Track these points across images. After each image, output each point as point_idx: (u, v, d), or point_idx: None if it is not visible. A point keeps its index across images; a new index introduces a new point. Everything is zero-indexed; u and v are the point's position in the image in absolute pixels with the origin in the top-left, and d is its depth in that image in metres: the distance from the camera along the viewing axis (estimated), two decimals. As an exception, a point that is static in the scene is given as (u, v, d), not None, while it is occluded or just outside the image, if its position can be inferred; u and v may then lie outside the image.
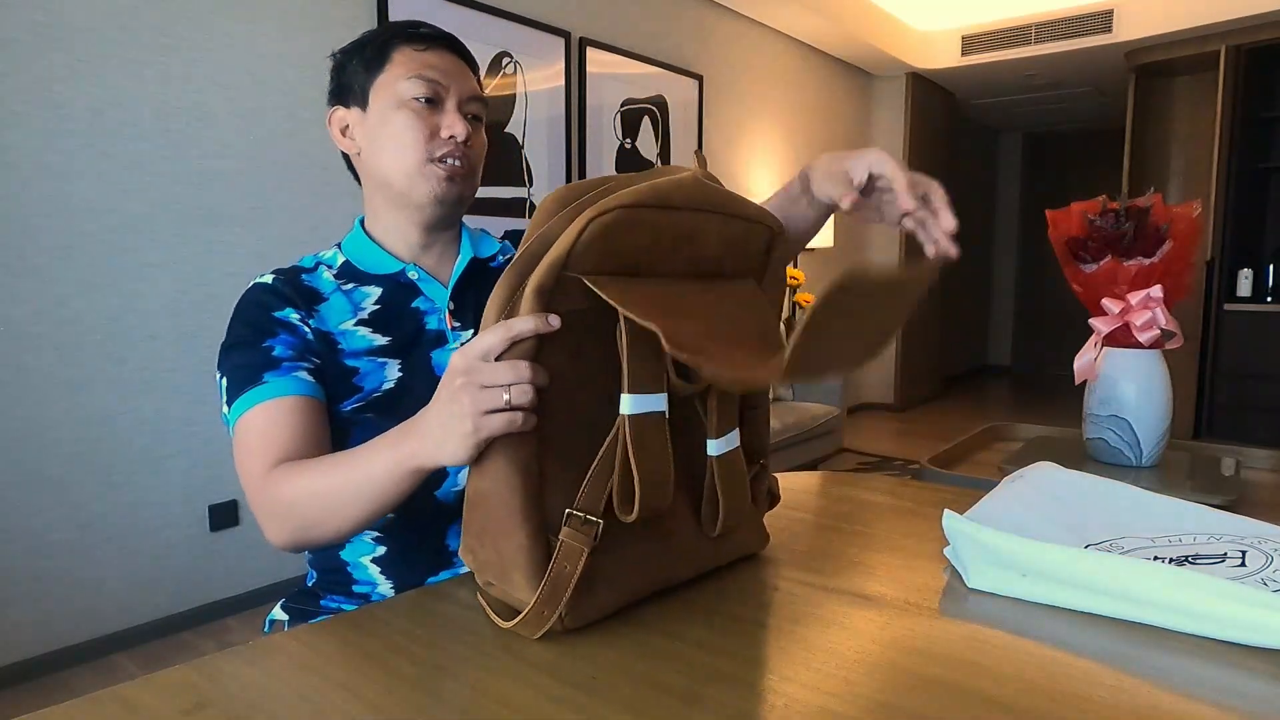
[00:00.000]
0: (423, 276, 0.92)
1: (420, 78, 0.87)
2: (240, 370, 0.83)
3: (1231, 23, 4.22)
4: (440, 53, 0.90)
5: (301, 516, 0.73)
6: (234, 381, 0.83)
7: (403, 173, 0.88)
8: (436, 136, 0.88)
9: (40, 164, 1.94)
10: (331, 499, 0.72)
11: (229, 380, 0.83)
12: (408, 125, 0.87)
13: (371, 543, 0.86)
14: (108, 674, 2.01)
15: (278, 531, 0.75)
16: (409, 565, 0.86)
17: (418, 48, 0.89)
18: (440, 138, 0.88)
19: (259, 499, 0.77)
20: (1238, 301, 4.36)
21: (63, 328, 1.99)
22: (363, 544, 0.86)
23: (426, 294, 0.92)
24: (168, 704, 0.49)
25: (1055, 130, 7.35)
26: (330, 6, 2.47)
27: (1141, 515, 0.78)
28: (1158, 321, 1.31)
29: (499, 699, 0.50)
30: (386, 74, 0.88)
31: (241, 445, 0.80)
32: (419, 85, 0.87)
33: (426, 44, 0.89)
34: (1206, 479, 1.31)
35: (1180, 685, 0.51)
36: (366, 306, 0.90)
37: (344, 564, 0.87)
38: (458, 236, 0.97)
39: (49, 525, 2.00)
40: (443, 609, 0.64)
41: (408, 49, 0.89)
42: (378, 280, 0.91)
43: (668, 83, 3.75)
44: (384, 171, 0.89)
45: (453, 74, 0.89)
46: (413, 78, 0.87)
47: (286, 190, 2.40)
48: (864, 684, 0.52)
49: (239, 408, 0.81)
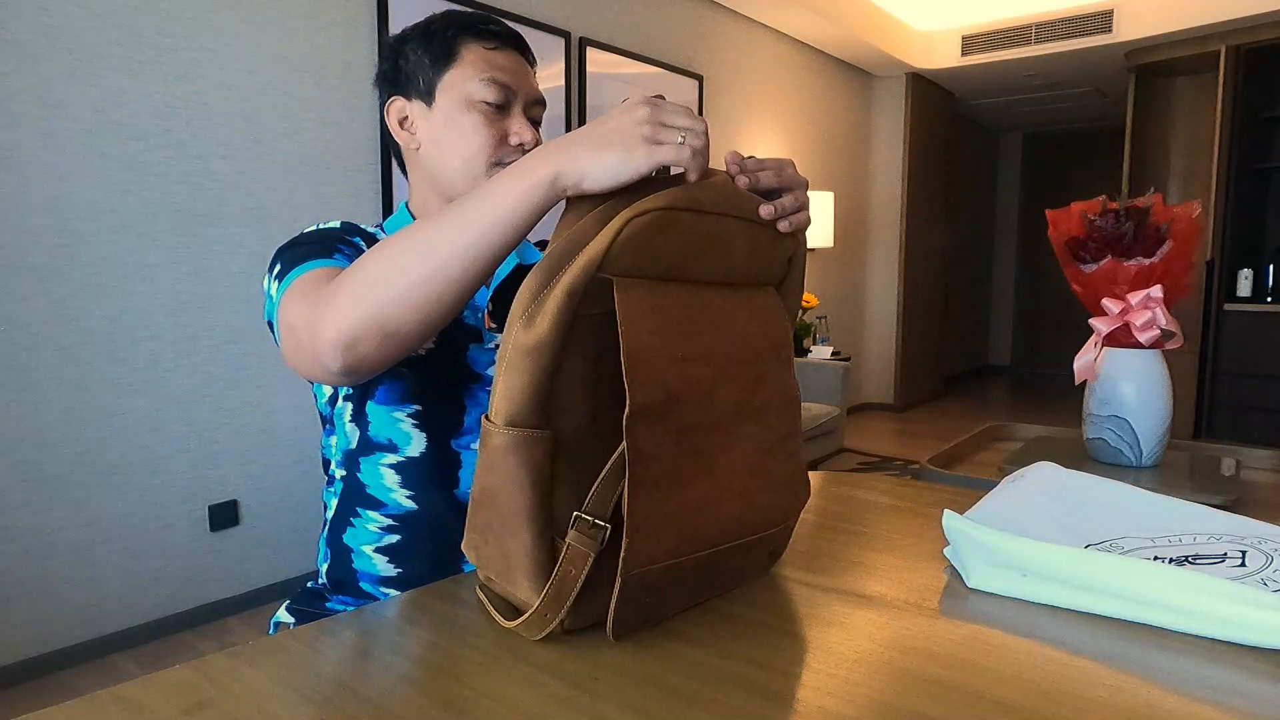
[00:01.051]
0: None
1: (492, 81, 0.86)
2: (307, 251, 0.78)
3: (1231, 23, 4.22)
4: (509, 53, 0.88)
5: (385, 284, 0.63)
6: (292, 260, 0.78)
7: (468, 175, 0.87)
8: (505, 143, 0.87)
9: (40, 164, 1.94)
10: (428, 250, 0.62)
11: (284, 264, 0.78)
12: (476, 129, 0.86)
13: (379, 532, 0.85)
14: (108, 674, 2.01)
15: (340, 308, 0.64)
16: (421, 562, 0.85)
17: (488, 46, 0.87)
18: (509, 144, 0.87)
19: (322, 300, 0.67)
20: (1238, 301, 4.36)
21: (63, 328, 1.99)
22: (368, 534, 0.86)
23: None
24: (168, 704, 0.49)
25: (1055, 130, 7.35)
26: (330, 6, 2.47)
27: (1141, 515, 0.78)
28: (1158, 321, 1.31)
29: (499, 699, 0.50)
30: (455, 72, 0.86)
31: (294, 292, 0.73)
32: (490, 89, 0.86)
33: (497, 43, 0.87)
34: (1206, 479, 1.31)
35: (1180, 685, 0.51)
36: None
37: (351, 557, 0.86)
38: None
39: (49, 525, 2.00)
40: (443, 609, 0.64)
41: (478, 46, 0.87)
42: None
43: (668, 83, 3.75)
44: (448, 172, 0.88)
45: (520, 76, 0.88)
46: (484, 80, 0.85)
47: (286, 190, 2.40)
48: (864, 684, 0.52)
49: (299, 271, 0.75)
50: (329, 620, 0.63)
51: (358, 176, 2.57)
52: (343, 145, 2.52)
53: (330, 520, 0.90)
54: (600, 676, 0.52)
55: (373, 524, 0.86)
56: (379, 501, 0.86)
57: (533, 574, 0.56)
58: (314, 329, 0.66)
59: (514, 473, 0.55)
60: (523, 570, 0.56)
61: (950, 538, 0.70)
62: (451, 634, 0.60)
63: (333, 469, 0.91)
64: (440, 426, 0.85)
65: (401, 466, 0.85)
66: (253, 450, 2.38)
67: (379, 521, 0.85)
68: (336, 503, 0.89)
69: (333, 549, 0.89)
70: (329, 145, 2.49)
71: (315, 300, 0.68)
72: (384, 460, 0.85)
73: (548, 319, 0.53)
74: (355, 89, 2.54)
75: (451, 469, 0.86)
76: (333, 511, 0.90)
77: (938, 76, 5.54)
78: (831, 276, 5.26)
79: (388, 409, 0.85)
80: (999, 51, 4.97)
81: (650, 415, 0.54)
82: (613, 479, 0.56)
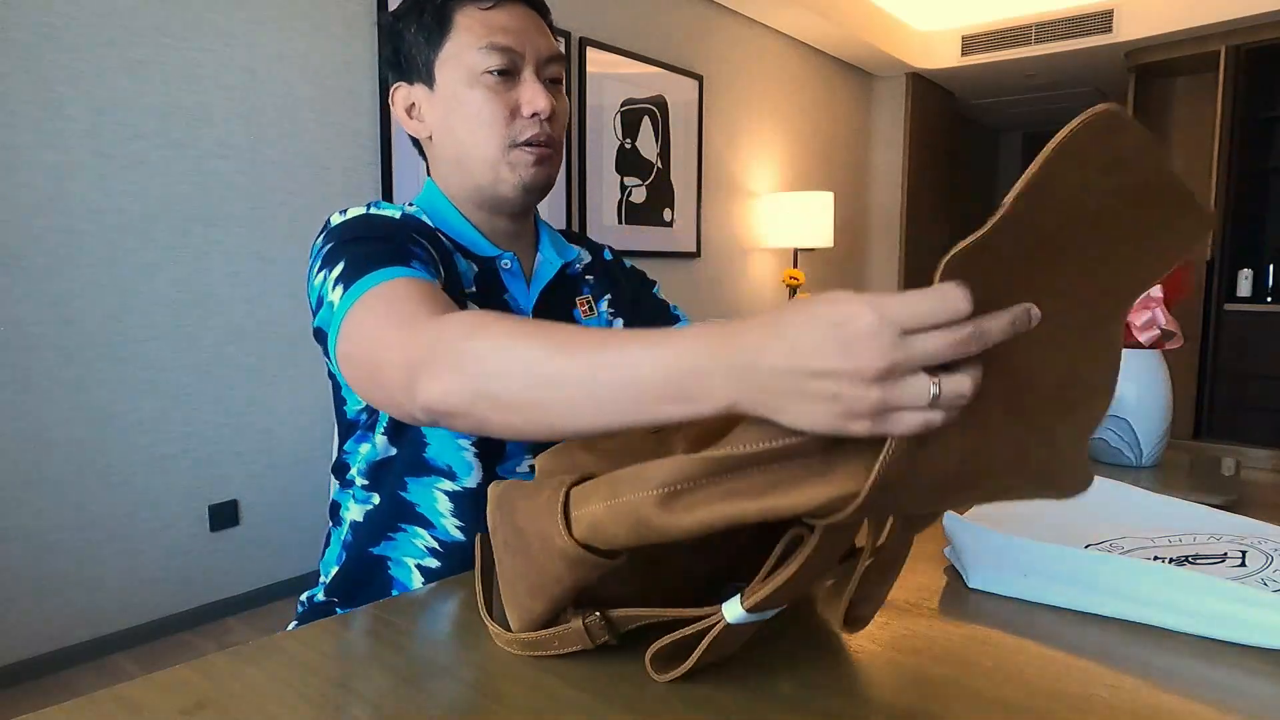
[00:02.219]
0: (515, 269, 0.84)
1: (491, 46, 0.76)
2: (372, 255, 0.66)
3: (1231, 23, 4.21)
4: (510, 7, 0.77)
5: (498, 381, 0.52)
6: (360, 263, 0.66)
7: (485, 162, 0.78)
8: (518, 115, 0.77)
9: (40, 164, 1.94)
10: (554, 383, 0.49)
11: (348, 264, 0.66)
12: (484, 105, 0.76)
13: (425, 550, 0.82)
14: (108, 674, 2.01)
15: (452, 381, 0.54)
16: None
17: (483, 5, 0.77)
18: (523, 117, 0.77)
19: (421, 338, 0.57)
20: (1238, 301, 4.36)
21: (63, 328, 1.99)
22: (413, 549, 0.82)
23: (512, 291, 0.84)
24: (168, 704, 0.49)
25: (1055, 130, 7.28)
26: (330, 6, 2.47)
27: (1141, 515, 0.78)
28: (1158, 321, 1.31)
29: (499, 699, 0.50)
30: (452, 43, 0.77)
31: (374, 305, 0.62)
32: (491, 56, 0.75)
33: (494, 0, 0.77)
34: (1206, 479, 1.31)
35: (1180, 685, 0.51)
36: (469, 282, 0.80)
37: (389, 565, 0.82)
38: (534, 226, 0.90)
39: (49, 525, 2.00)
40: (443, 609, 0.64)
41: (471, 8, 0.77)
42: (472, 259, 0.82)
43: (668, 83, 3.74)
44: (464, 161, 0.79)
45: (528, 33, 0.77)
46: (483, 47, 0.76)
47: (286, 190, 2.40)
48: (864, 684, 0.51)
49: (372, 280, 0.64)
50: (329, 620, 0.63)
51: (358, 176, 2.57)
52: (343, 145, 2.52)
53: (354, 525, 0.85)
54: (598, 676, 0.52)
55: (419, 540, 0.81)
56: (429, 521, 0.81)
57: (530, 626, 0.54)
58: (413, 385, 0.56)
59: (558, 571, 0.50)
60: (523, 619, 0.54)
61: (950, 537, 0.70)
62: (451, 634, 0.60)
63: (352, 474, 0.85)
64: (493, 455, 0.81)
65: (457, 496, 0.81)
66: (253, 450, 2.37)
67: (425, 540, 0.81)
68: (366, 513, 0.84)
69: (353, 555, 0.84)
70: (329, 145, 2.49)
71: (416, 340, 0.58)
72: (440, 485, 0.81)
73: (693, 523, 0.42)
74: (355, 89, 2.54)
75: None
76: (359, 518, 0.85)
77: (938, 76, 5.54)
78: (831, 277, 5.26)
79: (453, 435, 0.78)
80: (999, 51, 4.97)
81: None
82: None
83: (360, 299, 0.64)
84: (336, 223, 0.75)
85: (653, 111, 3.69)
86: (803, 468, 0.41)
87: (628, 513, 0.44)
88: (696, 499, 0.42)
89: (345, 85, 2.50)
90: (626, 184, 3.59)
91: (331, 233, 0.73)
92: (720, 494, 0.41)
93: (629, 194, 3.60)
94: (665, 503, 0.43)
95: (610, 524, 0.45)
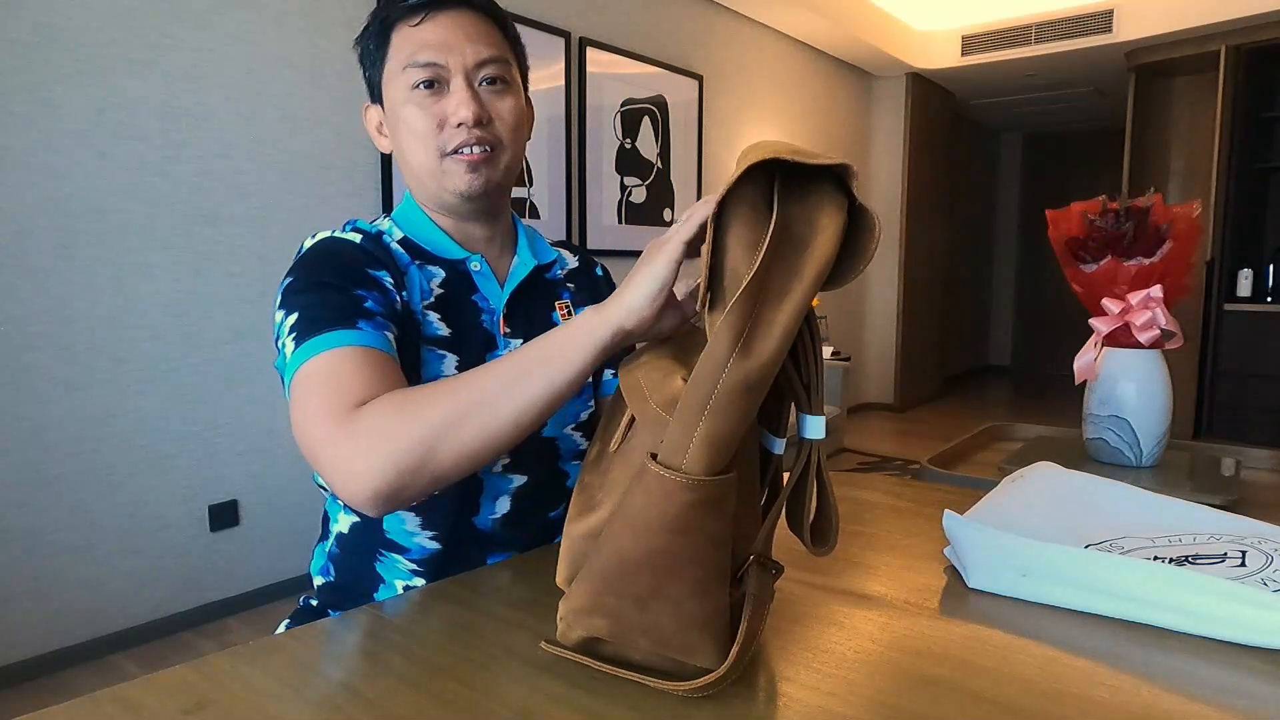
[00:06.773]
0: (484, 270, 0.86)
1: (414, 64, 0.78)
2: (323, 309, 0.70)
3: (1231, 23, 4.21)
4: (440, 19, 0.79)
5: (428, 427, 0.61)
6: (312, 319, 0.70)
7: (427, 172, 0.81)
8: (446, 126, 0.79)
9: (40, 164, 1.94)
10: (484, 394, 0.62)
11: (302, 317, 0.70)
12: (416, 119, 0.79)
13: (408, 572, 0.81)
14: (108, 674, 2.01)
15: (375, 462, 0.61)
16: None
17: (413, 23, 0.79)
18: (450, 126, 0.79)
19: (347, 429, 0.63)
20: (1238, 301, 4.36)
21: (63, 328, 1.99)
22: (398, 571, 0.81)
23: (483, 291, 0.85)
24: (168, 704, 0.49)
25: (1055, 130, 7.35)
26: (330, 6, 2.47)
27: (1141, 515, 0.78)
28: (1158, 321, 1.31)
29: (499, 699, 0.50)
30: (390, 62, 0.80)
31: (315, 379, 0.67)
32: (415, 72, 0.78)
33: (422, 14, 0.79)
34: (1206, 479, 1.31)
35: (1180, 685, 0.51)
36: (433, 289, 0.82)
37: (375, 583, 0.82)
38: (511, 227, 0.91)
39: (49, 525, 2.00)
40: (443, 609, 0.64)
41: (404, 27, 0.79)
42: (440, 263, 0.84)
43: (668, 83, 3.75)
44: (415, 173, 0.83)
45: (454, 43, 0.79)
46: (409, 65, 0.78)
47: (286, 190, 2.40)
48: (864, 684, 0.51)
49: (319, 345, 0.68)
50: (329, 620, 0.63)
51: (358, 176, 2.57)
52: (343, 145, 2.52)
53: (340, 537, 0.85)
54: (598, 676, 0.52)
55: (400, 564, 0.81)
56: (402, 547, 0.81)
57: (720, 633, 0.50)
58: (346, 473, 0.63)
59: (711, 529, 0.48)
60: (709, 632, 0.49)
61: (950, 537, 0.70)
62: (451, 634, 0.60)
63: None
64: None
65: (421, 506, 0.80)
66: (253, 450, 2.37)
67: (404, 564, 0.81)
68: (353, 525, 0.83)
69: (339, 567, 0.84)
70: (329, 145, 2.49)
71: (348, 416, 0.63)
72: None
73: (774, 342, 0.46)
74: (355, 89, 2.53)
75: (472, 496, 0.82)
76: (345, 530, 0.84)
77: (938, 76, 5.54)
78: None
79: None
80: (999, 51, 4.97)
81: None
82: (776, 513, 0.53)
83: (305, 368, 0.68)
84: (306, 247, 0.79)
85: (653, 111, 3.69)
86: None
87: (728, 399, 0.46)
88: (758, 327, 0.46)
89: (345, 85, 2.50)
90: (626, 184, 3.59)
91: (298, 263, 0.77)
92: (772, 307, 0.47)
93: (629, 194, 3.60)
94: (744, 356, 0.46)
95: (720, 427, 0.46)
